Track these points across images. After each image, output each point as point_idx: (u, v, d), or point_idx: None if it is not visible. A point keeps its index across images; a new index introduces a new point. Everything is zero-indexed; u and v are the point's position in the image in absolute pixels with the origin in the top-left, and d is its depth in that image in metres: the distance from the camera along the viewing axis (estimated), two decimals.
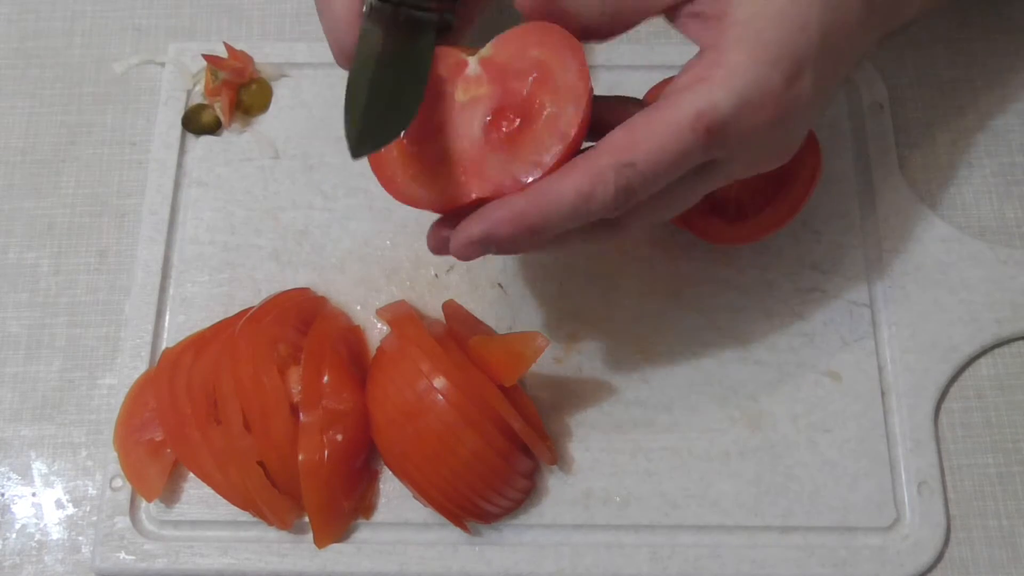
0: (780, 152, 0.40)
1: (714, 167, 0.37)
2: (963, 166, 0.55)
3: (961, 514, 0.48)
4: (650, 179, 0.35)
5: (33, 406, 0.50)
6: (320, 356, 0.46)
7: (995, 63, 0.57)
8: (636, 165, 0.35)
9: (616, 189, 0.35)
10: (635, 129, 0.35)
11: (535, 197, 0.36)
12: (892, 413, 0.49)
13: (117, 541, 0.47)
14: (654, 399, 0.49)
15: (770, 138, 0.37)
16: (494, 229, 0.36)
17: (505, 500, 0.46)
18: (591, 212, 0.36)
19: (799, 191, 0.49)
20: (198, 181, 0.54)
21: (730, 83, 0.35)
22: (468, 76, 0.38)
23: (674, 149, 0.35)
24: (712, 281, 0.51)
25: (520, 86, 0.38)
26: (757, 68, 0.35)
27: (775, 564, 0.46)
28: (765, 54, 0.35)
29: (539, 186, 0.36)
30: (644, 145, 0.35)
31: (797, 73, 0.36)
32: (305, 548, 0.46)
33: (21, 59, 0.58)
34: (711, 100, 0.35)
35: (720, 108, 0.35)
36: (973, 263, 0.51)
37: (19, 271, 0.53)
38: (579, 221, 0.36)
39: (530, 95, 0.37)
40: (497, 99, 0.38)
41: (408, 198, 0.38)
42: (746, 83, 0.35)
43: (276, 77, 0.56)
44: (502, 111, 0.38)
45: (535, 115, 0.37)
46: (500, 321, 0.51)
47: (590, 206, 0.35)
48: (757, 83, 0.35)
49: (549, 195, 0.36)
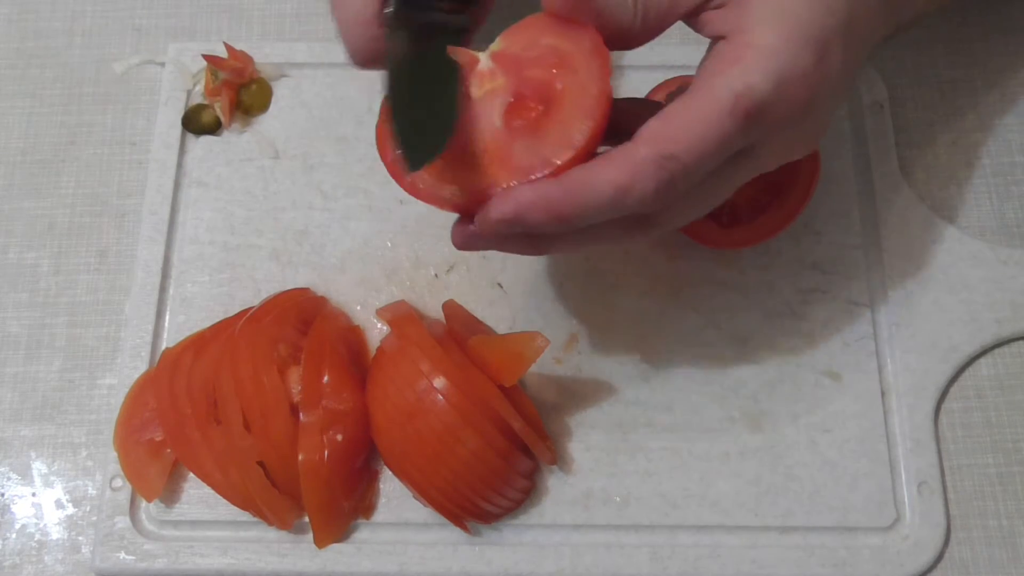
0: (809, 138, 0.38)
1: (748, 155, 0.36)
2: (963, 166, 0.55)
3: (961, 514, 0.48)
4: (691, 170, 0.34)
5: (33, 406, 0.50)
6: (320, 356, 0.46)
7: (995, 63, 0.57)
8: (678, 156, 0.34)
9: (657, 183, 0.34)
10: (672, 119, 0.34)
11: (570, 186, 0.34)
12: (892, 413, 0.49)
13: (117, 541, 0.47)
14: (654, 399, 0.49)
15: (802, 122, 0.36)
16: (525, 212, 0.34)
17: (505, 500, 0.46)
18: (627, 206, 0.34)
19: (797, 197, 0.49)
20: (198, 181, 0.54)
21: (764, 63, 0.34)
22: (481, 71, 0.38)
23: (715, 136, 0.34)
24: (712, 281, 0.51)
25: (537, 73, 0.37)
26: (789, 47, 0.34)
27: (775, 564, 0.46)
28: (796, 33, 0.34)
29: (574, 176, 0.34)
30: (684, 135, 0.34)
31: (826, 53, 0.35)
32: (305, 548, 0.46)
33: (21, 59, 0.58)
34: (747, 82, 0.34)
35: (757, 89, 0.34)
36: (973, 263, 0.51)
37: (19, 271, 0.53)
38: (613, 215, 0.35)
39: (549, 80, 0.37)
40: (514, 88, 0.37)
41: (433, 199, 0.37)
42: (780, 63, 0.34)
43: (276, 77, 0.56)
44: (521, 100, 0.37)
45: (557, 99, 0.36)
46: (500, 321, 0.51)
47: (627, 200, 0.34)
48: (791, 62, 0.34)
49: (585, 186, 0.34)
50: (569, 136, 0.36)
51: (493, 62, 0.38)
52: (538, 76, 0.37)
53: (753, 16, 0.35)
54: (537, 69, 0.37)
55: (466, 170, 0.37)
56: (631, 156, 0.34)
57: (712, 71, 0.35)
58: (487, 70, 0.38)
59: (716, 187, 0.38)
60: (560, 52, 0.37)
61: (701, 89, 0.34)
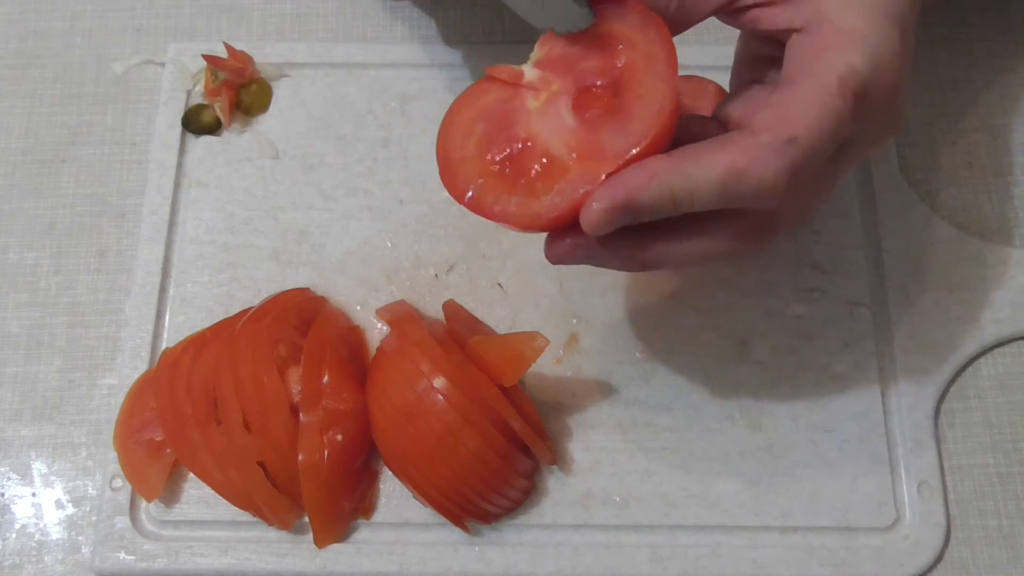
0: (895, 124, 0.37)
1: (850, 145, 0.36)
2: (963, 166, 0.55)
3: (961, 514, 0.48)
4: (811, 156, 0.33)
5: (33, 406, 0.50)
6: (320, 356, 0.46)
7: (995, 63, 0.57)
8: (798, 140, 0.33)
9: (776, 169, 0.32)
10: (784, 106, 0.33)
11: (680, 160, 0.33)
12: (892, 413, 0.49)
13: (117, 541, 0.47)
14: (654, 399, 0.49)
15: (893, 105, 0.35)
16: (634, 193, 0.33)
17: (505, 500, 0.46)
18: (742, 193, 0.33)
19: None
20: (198, 181, 0.54)
21: (861, 44, 0.33)
22: (531, 82, 0.37)
23: (831, 119, 0.33)
24: (712, 281, 0.51)
25: (593, 61, 0.36)
26: (877, 29, 0.34)
27: (775, 564, 0.46)
28: (879, 15, 0.34)
29: (686, 151, 0.33)
30: (802, 119, 0.33)
31: (906, 33, 0.35)
32: (305, 548, 0.46)
33: (21, 59, 0.58)
34: (849, 63, 0.33)
35: (860, 70, 0.33)
36: (973, 263, 0.51)
37: (19, 271, 0.53)
38: (726, 203, 0.33)
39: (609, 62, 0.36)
40: (574, 85, 0.37)
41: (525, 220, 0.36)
42: (875, 43, 0.33)
43: (276, 77, 0.56)
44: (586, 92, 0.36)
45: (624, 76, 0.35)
46: (500, 321, 0.51)
47: (742, 184, 0.33)
48: (882, 43, 0.34)
49: (697, 162, 0.33)
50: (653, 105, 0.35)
51: (540, 70, 0.37)
52: (595, 63, 0.36)
53: (831, 4, 0.34)
54: (592, 58, 0.36)
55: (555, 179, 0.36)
56: (748, 141, 0.33)
57: (807, 61, 0.34)
58: (538, 79, 0.37)
59: (827, 180, 0.37)
60: (610, 33, 0.36)
61: (803, 77, 0.34)
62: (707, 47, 0.54)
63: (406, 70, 0.56)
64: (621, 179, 0.34)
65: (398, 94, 0.55)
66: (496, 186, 0.37)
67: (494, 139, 0.37)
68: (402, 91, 0.55)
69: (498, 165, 0.37)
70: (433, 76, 0.56)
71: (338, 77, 0.56)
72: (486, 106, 0.38)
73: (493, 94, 0.38)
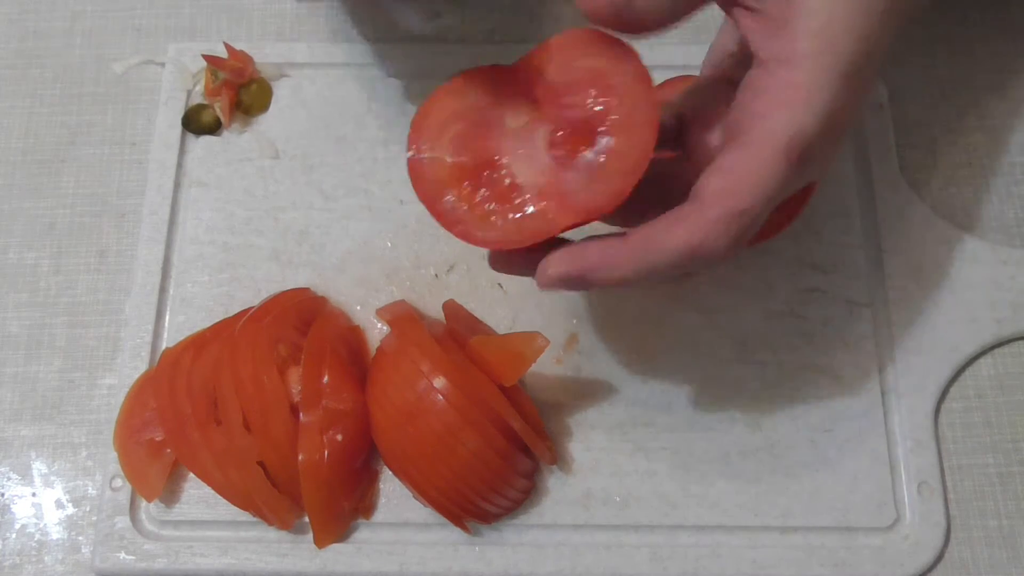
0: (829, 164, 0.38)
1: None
2: (963, 166, 0.55)
3: (961, 514, 0.48)
4: (759, 219, 0.35)
5: (33, 406, 0.50)
6: (320, 356, 0.46)
7: (995, 63, 0.57)
8: (748, 211, 0.34)
9: (728, 239, 0.34)
10: (732, 174, 0.34)
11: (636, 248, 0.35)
12: (892, 413, 0.49)
13: (117, 541, 0.47)
14: (654, 399, 0.49)
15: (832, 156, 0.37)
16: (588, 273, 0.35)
17: (505, 500, 0.46)
18: (696, 263, 0.35)
19: (796, 198, 0.48)
20: (198, 181, 0.54)
21: (813, 104, 0.34)
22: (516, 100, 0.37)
23: (778, 183, 0.34)
24: (712, 281, 0.51)
25: (577, 99, 0.36)
26: (833, 84, 0.34)
27: (775, 564, 0.46)
28: (840, 68, 0.34)
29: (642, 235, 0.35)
30: (750, 188, 0.34)
31: (862, 83, 0.35)
32: (305, 548, 0.46)
33: (21, 59, 0.58)
34: (799, 125, 0.34)
35: (807, 132, 0.34)
36: (973, 263, 0.51)
37: (19, 271, 0.53)
38: (679, 273, 0.35)
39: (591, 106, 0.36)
40: (555, 117, 0.36)
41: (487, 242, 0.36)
42: (825, 101, 0.34)
43: (276, 77, 0.56)
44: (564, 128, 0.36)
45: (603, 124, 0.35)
46: (500, 321, 0.51)
47: (697, 257, 0.34)
48: (835, 100, 0.34)
49: (652, 248, 0.35)
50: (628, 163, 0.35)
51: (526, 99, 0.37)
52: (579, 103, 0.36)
53: (799, 47, 0.34)
54: (576, 94, 0.36)
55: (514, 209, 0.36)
56: (701, 216, 0.34)
57: (761, 114, 0.35)
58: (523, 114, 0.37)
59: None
60: (598, 72, 0.36)
61: (752, 135, 0.34)
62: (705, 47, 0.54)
63: (406, 70, 0.56)
64: (583, 254, 0.35)
65: (398, 94, 0.55)
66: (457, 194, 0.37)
67: (467, 143, 0.37)
68: (402, 91, 0.55)
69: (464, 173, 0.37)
70: (433, 76, 0.56)
71: (338, 77, 0.56)
72: (468, 106, 0.38)
73: (477, 96, 0.38)
